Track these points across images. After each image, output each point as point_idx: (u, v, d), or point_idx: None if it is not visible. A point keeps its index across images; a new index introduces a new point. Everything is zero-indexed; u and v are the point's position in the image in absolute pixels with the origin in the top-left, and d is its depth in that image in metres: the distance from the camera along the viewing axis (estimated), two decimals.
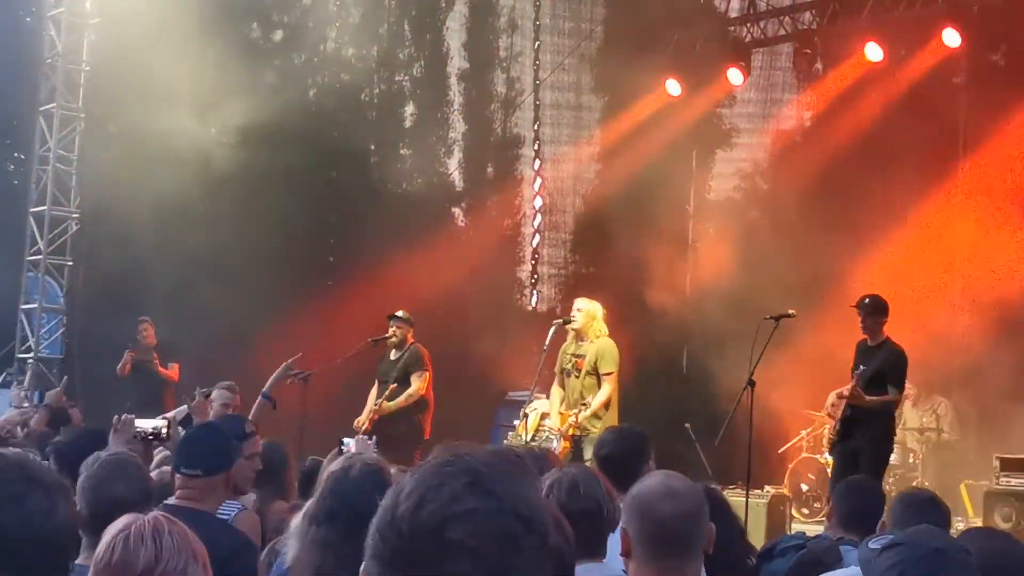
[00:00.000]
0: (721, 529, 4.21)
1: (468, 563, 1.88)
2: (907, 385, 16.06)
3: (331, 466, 5.61)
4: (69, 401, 13.23)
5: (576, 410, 12.59)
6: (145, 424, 7.94)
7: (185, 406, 9.76)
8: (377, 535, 1.95)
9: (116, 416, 7.62)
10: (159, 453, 7.76)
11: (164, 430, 7.88)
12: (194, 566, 3.23)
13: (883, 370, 11.91)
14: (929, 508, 5.60)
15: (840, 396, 12.38)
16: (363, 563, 1.97)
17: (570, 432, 12.66)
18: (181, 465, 5.79)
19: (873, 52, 17.67)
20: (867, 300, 12.21)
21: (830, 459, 13.51)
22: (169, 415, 8.73)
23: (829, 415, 12.58)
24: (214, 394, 10.10)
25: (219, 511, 6.14)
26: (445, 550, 1.88)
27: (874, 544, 3.58)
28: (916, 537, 3.56)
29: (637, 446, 6.67)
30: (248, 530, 5.82)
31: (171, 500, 5.66)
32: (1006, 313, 15.37)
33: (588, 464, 12.37)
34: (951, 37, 16.81)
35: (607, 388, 12.64)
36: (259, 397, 10.15)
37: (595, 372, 12.70)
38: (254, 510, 6.55)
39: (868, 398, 11.78)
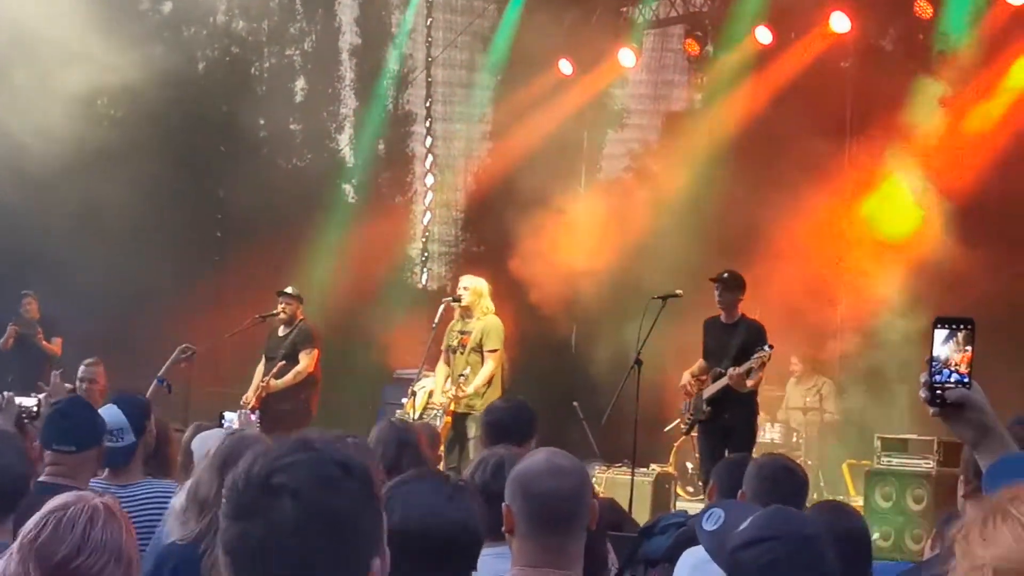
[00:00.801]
0: None
1: (291, 502, 2.18)
2: (792, 361, 16.34)
3: (211, 442, 5.55)
4: None
5: (456, 385, 12.61)
6: (26, 402, 7.85)
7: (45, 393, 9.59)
8: (224, 498, 2.28)
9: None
10: None
11: (35, 408, 7.79)
12: (115, 567, 3.17)
13: (746, 347, 12.00)
14: (786, 478, 5.55)
15: (694, 376, 12.48)
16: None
17: (452, 408, 12.69)
18: (53, 441, 5.68)
19: (763, 35, 17.83)
20: (725, 274, 12.23)
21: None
22: (40, 395, 8.59)
23: (685, 393, 12.63)
24: (79, 371, 10.00)
25: (166, 491, 6.09)
26: (271, 494, 2.19)
27: (708, 525, 3.49)
28: (782, 528, 3.43)
29: (524, 419, 6.69)
30: None
31: (42, 477, 5.56)
32: (890, 294, 15.59)
33: (470, 442, 12.47)
34: (840, 22, 17.00)
35: (490, 365, 12.69)
36: (154, 382, 10.04)
37: (480, 349, 12.74)
38: None
39: (748, 383, 11.91)
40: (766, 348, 11.84)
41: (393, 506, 3.36)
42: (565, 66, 19.40)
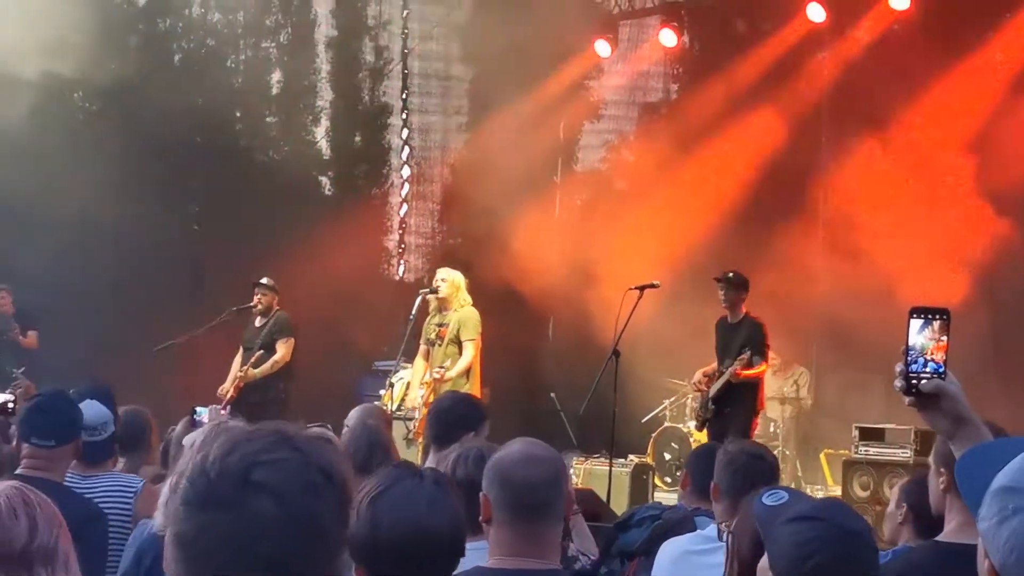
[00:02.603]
0: None
1: (272, 503, 2.09)
2: (771, 355, 16.42)
3: (187, 436, 5.56)
4: None
5: (435, 376, 12.61)
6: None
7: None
8: (187, 482, 2.14)
9: None
10: None
11: (11, 404, 7.76)
12: (63, 540, 3.16)
13: (747, 345, 12.37)
14: (755, 464, 5.51)
15: (706, 375, 12.81)
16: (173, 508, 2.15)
17: (430, 399, 12.67)
18: (33, 435, 5.67)
19: (738, 26, 17.83)
20: (730, 274, 12.63)
21: (693, 428, 13.85)
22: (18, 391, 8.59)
23: (697, 389, 12.97)
24: None
25: (128, 484, 6.12)
26: (250, 490, 2.09)
27: (768, 500, 3.49)
28: (831, 514, 3.43)
29: (460, 411, 6.68)
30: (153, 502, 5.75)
31: (20, 470, 5.58)
32: (867, 285, 15.62)
33: None
34: (815, 12, 17.02)
35: (469, 352, 12.71)
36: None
37: (457, 340, 12.75)
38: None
39: (743, 373, 12.28)
40: (745, 351, 12.25)
41: (377, 518, 3.39)
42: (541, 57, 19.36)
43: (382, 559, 3.38)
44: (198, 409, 7.68)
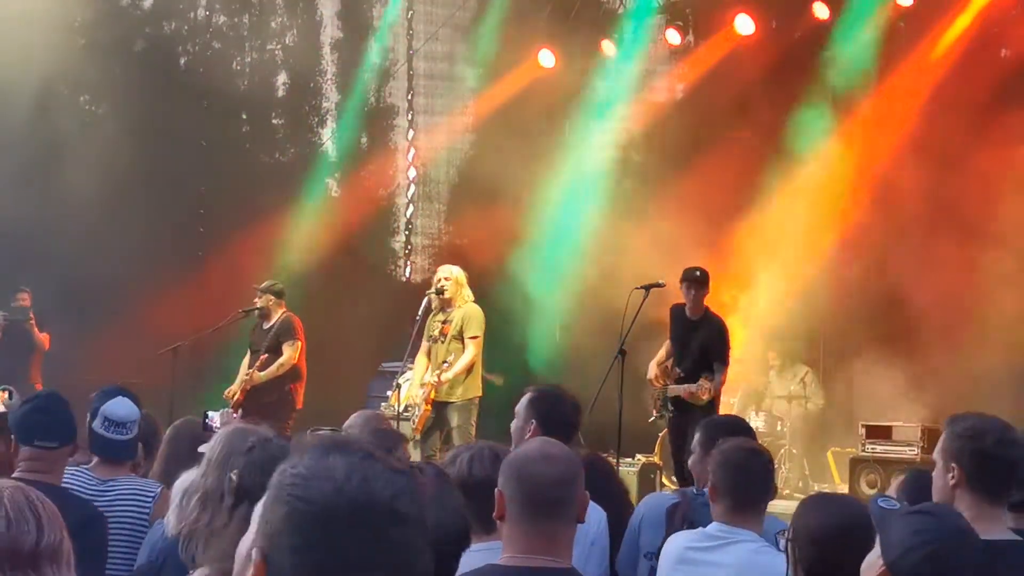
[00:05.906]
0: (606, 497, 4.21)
1: (412, 530, 2.05)
2: (772, 356, 16.38)
3: (203, 445, 5.52)
4: None
5: (438, 371, 12.60)
6: None
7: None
8: (317, 514, 2.02)
9: None
10: None
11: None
12: (67, 538, 3.18)
13: (707, 347, 12.06)
14: (758, 460, 5.37)
15: (660, 365, 12.57)
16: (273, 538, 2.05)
17: (432, 396, 12.66)
18: (35, 437, 5.55)
19: (744, 24, 17.84)
20: (698, 272, 12.27)
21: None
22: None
23: (652, 383, 12.74)
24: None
25: (146, 489, 6.08)
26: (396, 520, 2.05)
27: (883, 504, 3.55)
28: (943, 511, 3.54)
29: (575, 421, 6.46)
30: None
31: (17, 473, 5.44)
32: (868, 283, 15.64)
33: (455, 430, 12.51)
34: (821, 10, 17.04)
35: (471, 350, 12.69)
36: None
37: (460, 337, 12.75)
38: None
39: (704, 397, 11.91)
40: (704, 384, 11.90)
41: None
42: (546, 57, 19.38)
43: None
44: (210, 413, 7.65)
